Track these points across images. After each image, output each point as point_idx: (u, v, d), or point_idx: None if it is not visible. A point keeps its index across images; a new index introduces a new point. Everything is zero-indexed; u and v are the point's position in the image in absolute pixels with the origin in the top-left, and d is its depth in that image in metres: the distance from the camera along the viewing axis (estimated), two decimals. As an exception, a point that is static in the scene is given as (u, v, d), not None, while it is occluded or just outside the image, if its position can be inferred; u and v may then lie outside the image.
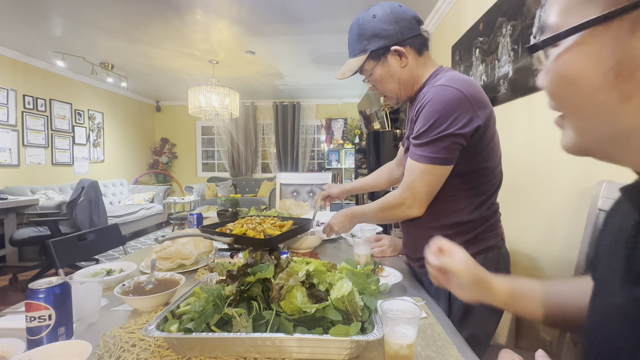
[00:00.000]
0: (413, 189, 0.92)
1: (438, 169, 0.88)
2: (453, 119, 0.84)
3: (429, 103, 0.87)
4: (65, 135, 4.78)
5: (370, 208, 1.07)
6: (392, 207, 0.98)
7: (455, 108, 0.84)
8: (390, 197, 0.99)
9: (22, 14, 3.03)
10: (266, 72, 4.85)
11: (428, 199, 0.94)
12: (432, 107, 0.86)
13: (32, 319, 0.58)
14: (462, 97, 0.84)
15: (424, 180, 0.90)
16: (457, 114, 0.84)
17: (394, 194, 0.97)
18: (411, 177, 0.92)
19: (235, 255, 1.11)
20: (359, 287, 0.64)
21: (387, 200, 1.00)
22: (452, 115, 0.84)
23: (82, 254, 1.48)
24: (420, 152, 0.89)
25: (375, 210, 1.05)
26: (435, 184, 0.91)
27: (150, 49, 3.88)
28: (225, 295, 0.62)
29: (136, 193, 5.66)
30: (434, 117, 0.85)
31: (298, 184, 2.49)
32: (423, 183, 0.90)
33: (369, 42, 0.97)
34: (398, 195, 0.96)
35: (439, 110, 0.85)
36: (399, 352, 0.53)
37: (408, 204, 0.94)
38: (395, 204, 0.97)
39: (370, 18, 0.96)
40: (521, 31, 1.63)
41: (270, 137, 6.94)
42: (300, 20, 3.17)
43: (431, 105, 0.86)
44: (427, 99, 0.88)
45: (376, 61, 0.99)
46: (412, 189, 0.92)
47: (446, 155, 0.86)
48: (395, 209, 0.97)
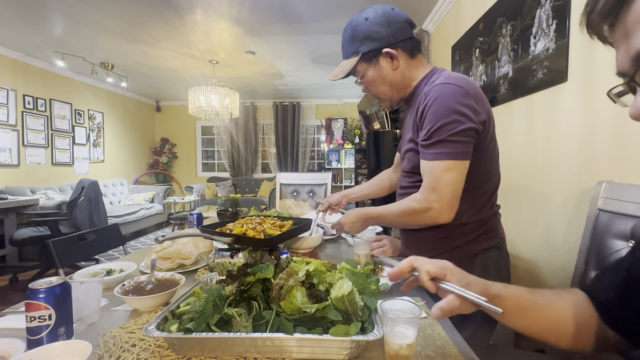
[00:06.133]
0: (439, 191, 0.86)
1: (461, 165, 0.86)
2: (464, 114, 0.84)
3: (436, 101, 0.86)
4: (65, 135, 4.78)
5: (389, 211, 0.99)
6: (416, 213, 0.90)
7: (464, 103, 0.85)
8: (412, 201, 0.91)
9: (22, 14, 3.03)
10: (266, 72, 4.85)
11: (456, 200, 0.87)
12: (441, 104, 0.85)
13: (32, 319, 0.58)
14: (466, 92, 0.85)
15: (449, 179, 0.85)
16: (467, 109, 0.85)
17: (417, 197, 0.90)
18: (433, 177, 0.86)
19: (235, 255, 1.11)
20: (359, 287, 0.64)
21: (410, 205, 0.92)
22: (463, 110, 0.84)
23: (82, 254, 1.48)
24: (439, 150, 0.85)
25: (395, 215, 0.97)
26: (460, 182, 0.87)
27: (150, 49, 3.88)
28: (225, 295, 0.62)
29: (136, 193, 5.66)
30: (446, 113, 0.84)
31: (298, 184, 2.49)
32: (448, 182, 0.85)
33: (361, 44, 0.98)
34: (423, 198, 0.88)
35: (448, 106, 0.84)
36: (398, 352, 0.53)
37: (436, 208, 0.86)
38: (421, 209, 0.89)
39: (362, 20, 0.97)
40: (521, 31, 1.63)
41: (270, 137, 6.94)
42: (300, 21, 3.17)
43: (439, 102, 0.85)
44: (432, 97, 0.87)
45: (368, 63, 0.99)
46: (438, 191, 0.86)
47: (466, 150, 0.85)
48: (421, 215, 0.89)
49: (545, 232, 1.48)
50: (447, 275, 0.52)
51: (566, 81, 1.33)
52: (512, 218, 1.69)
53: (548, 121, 1.46)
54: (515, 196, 1.69)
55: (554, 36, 1.39)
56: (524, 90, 1.61)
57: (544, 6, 1.46)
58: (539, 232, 1.52)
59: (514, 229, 1.69)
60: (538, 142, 1.54)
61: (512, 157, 1.73)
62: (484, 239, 0.96)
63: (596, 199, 1.03)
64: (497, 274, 0.97)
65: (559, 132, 1.39)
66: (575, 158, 1.29)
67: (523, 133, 1.65)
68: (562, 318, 0.52)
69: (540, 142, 1.52)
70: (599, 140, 1.17)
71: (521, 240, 1.66)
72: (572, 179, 1.31)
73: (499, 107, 1.86)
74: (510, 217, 1.68)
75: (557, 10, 1.38)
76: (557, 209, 1.40)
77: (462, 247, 0.96)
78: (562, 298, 0.55)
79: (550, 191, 1.45)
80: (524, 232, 1.63)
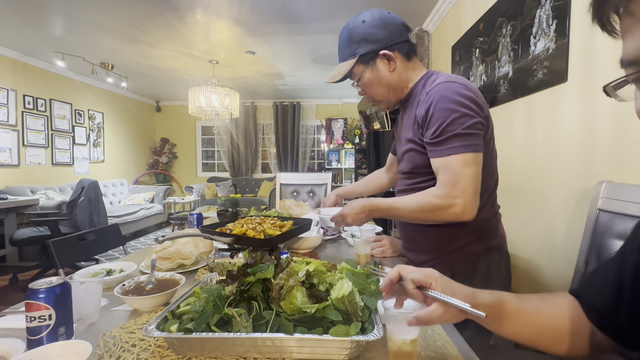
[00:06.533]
0: (461, 185, 0.83)
1: (478, 157, 0.85)
2: (472, 108, 0.86)
3: (443, 98, 0.86)
4: (65, 135, 4.78)
5: (402, 205, 0.93)
6: (437, 209, 0.86)
7: (470, 97, 0.86)
8: (432, 197, 0.87)
9: (22, 14, 3.03)
10: (266, 72, 4.85)
11: (477, 196, 0.85)
12: (449, 100, 0.85)
13: (32, 319, 0.58)
14: (469, 89, 0.87)
15: (469, 173, 0.83)
16: (473, 104, 0.86)
17: (437, 193, 0.86)
18: (452, 172, 0.84)
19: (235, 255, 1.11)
20: (359, 287, 0.64)
21: (429, 201, 0.87)
22: (470, 104, 0.86)
23: (82, 254, 1.48)
24: (454, 144, 0.84)
25: (409, 210, 0.91)
26: (479, 176, 0.85)
27: (150, 49, 3.88)
28: (225, 295, 0.62)
29: (136, 193, 5.66)
30: (455, 108, 0.85)
31: (298, 184, 2.49)
32: (470, 176, 0.83)
33: (358, 46, 0.99)
34: (444, 194, 0.85)
35: (456, 101, 0.85)
36: (402, 348, 0.53)
37: (460, 204, 0.83)
38: (442, 205, 0.85)
39: (359, 23, 0.98)
40: (521, 31, 1.63)
41: (270, 137, 6.94)
42: (300, 20, 3.17)
43: (447, 99, 0.86)
44: (438, 95, 0.87)
45: (365, 65, 1.00)
46: (460, 185, 0.83)
47: (479, 142, 0.86)
48: (442, 211, 0.86)
49: (545, 232, 1.48)
50: (432, 284, 0.52)
51: (566, 81, 1.33)
52: (512, 218, 1.69)
53: (548, 121, 1.46)
54: (515, 196, 1.69)
55: (554, 36, 1.39)
56: (524, 90, 1.61)
57: (544, 6, 1.46)
58: (539, 232, 1.52)
59: (514, 229, 1.69)
60: (538, 142, 1.54)
61: (512, 157, 1.72)
62: (485, 239, 0.96)
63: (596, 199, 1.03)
64: (498, 274, 0.97)
65: (559, 132, 1.39)
66: (576, 158, 1.29)
67: (523, 133, 1.65)
68: (552, 324, 0.52)
69: (540, 142, 1.52)
70: (599, 140, 1.17)
71: (521, 240, 1.66)
72: (572, 179, 1.31)
73: (499, 107, 1.86)
74: (510, 217, 1.68)
75: (557, 10, 1.38)
76: (557, 209, 1.40)
77: (463, 247, 0.95)
78: (550, 303, 0.54)
79: (550, 191, 1.45)
80: (524, 232, 1.63)
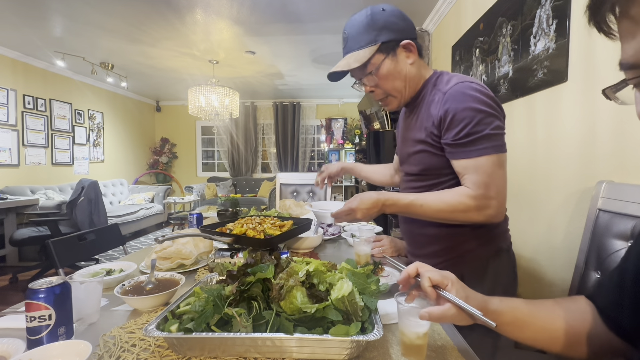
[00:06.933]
0: (496, 187, 0.82)
1: (505, 158, 0.85)
2: (495, 109, 0.85)
3: (465, 98, 0.84)
4: (65, 135, 4.78)
5: (425, 202, 0.88)
6: (470, 210, 0.83)
7: (492, 98, 0.86)
8: (466, 197, 0.83)
9: (22, 14, 3.03)
10: (266, 72, 4.85)
11: (506, 198, 0.85)
12: (473, 100, 0.83)
13: (32, 319, 0.58)
14: (488, 91, 0.87)
15: (501, 175, 0.83)
16: (496, 104, 0.86)
17: (470, 193, 0.83)
18: (484, 173, 0.82)
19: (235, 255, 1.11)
20: (359, 287, 0.64)
21: (461, 201, 0.84)
22: (494, 105, 0.85)
23: (82, 254, 1.48)
24: (483, 145, 0.82)
25: (436, 209, 0.87)
26: (506, 177, 0.85)
27: (150, 49, 3.88)
28: (225, 295, 0.62)
29: (136, 193, 5.66)
30: (481, 109, 0.83)
31: (298, 184, 2.49)
32: (502, 177, 0.83)
33: (379, 33, 0.91)
34: (479, 195, 0.82)
35: (482, 101, 0.84)
36: (414, 341, 0.55)
37: (495, 206, 0.82)
38: (476, 206, 0.83)
39: (379, 10, 0.93)
40: (521, 31, 1.63)
41: (270, 137, 6.94)
42: (300, 20, 3.17)
43: (470, 99, 0.83)
44: (458, 95, 0.85)
45: (385, 54, 0.93)
46: (495, 188, 0.81)
47: (505, 142, 0.86)
48: (475, 212, 0.83)
49: (545, 232, 1.48)
50: (448, 285, 0.53)
51: (566, 81, 1.33)
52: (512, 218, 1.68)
53: (548, 121, 1.46)
54: (515, 196, 1.69)
55: (554, 36, 1.39)
56: (524, 90, 1.61)
57: (544, 6, 1.46)
58: (539, 232, 1.52)
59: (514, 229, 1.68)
60: (538, 142, 1.54)
61: (512, 157, 1.72)
62: (495, 241, 0.96)
63: (596, 199, 1.03)
64: (506, 276, 0.97)
65: (559, 132, 1.39)
66: (576, 158, 1.29)
67: (523, 133, 1.65)
68: (567, 328, 0.52)
69: (540, 142, 1.52)
70: (599, 140, 1.17)
71: (521, 240, 1.65)
72: (572, 179, 1.31)
73: (499, 107, 1.86)
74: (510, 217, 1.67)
75: (557, 10, 1.38)
76: (557, 208, 1.40)
77: (474, 250, 0.95)
78: (565, 308, 0.54)
79: (550, 191, 1.45)
80: (524, 232, 1.63)
